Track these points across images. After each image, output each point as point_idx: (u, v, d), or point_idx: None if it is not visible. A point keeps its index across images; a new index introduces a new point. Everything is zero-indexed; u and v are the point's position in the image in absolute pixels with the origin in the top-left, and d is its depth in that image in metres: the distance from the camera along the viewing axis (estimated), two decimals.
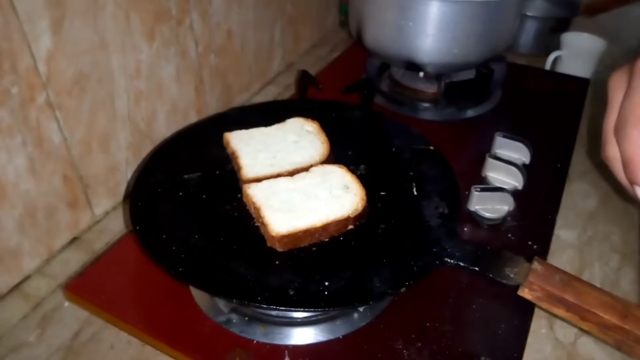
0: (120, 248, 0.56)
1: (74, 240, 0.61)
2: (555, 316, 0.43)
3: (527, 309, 0.49)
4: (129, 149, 0.65)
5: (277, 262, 0.44)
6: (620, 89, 0.36)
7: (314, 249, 0.46)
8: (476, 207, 0.58)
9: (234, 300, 0.41)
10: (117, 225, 0.63)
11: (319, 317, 0.47)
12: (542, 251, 0.56)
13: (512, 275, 0.41)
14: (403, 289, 0.42)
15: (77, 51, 0.54)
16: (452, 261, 0.44)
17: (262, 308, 0.44)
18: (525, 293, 0.41)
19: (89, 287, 0.51)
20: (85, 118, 0.58)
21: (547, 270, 0.41)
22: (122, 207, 0.66)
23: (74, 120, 0.56)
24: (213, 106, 0.77)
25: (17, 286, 0.56)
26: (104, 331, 0.51)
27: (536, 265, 0.41)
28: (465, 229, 0.58)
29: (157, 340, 0.46)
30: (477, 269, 0.43)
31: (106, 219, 0.64)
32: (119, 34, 0.58)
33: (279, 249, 0.45)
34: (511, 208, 0.58)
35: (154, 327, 0.47)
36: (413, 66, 0.73)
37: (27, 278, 0.57)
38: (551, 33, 0.98)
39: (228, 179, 0.54)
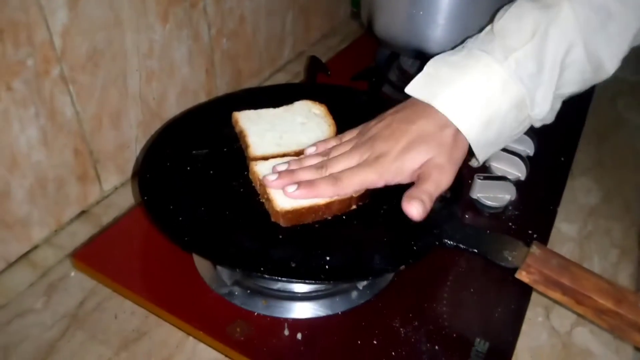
0: (128, 221, 0.57)
1: (82, 213, 0.63)
2: (551, 300, 0.44)
3: (523, 295, 0.50)
4: (139, 127, 0.66)
5: (280, 237, 0.45)
6: None
7: (316, 226, 0.47)
8: (478, 195, 0.58)
9: (237, 270, 0.42)
10: (124, 201, 0.65)
11: (319, 292, 0.48)
12: (542, 240, 0.57)
13: (510, 259, 0.42)
14: (402, 267, 0.43)
15: (92, 27, 0.55)
16: (451, 242, 0.44)
17: (265, 278, 0.45)
18: (522, 276, 0.42)
19: (96, 256, 0.52)
20: (97, 94, 0.59)
21: (545, 254, 0.41)
22: (130, 184, 0.67)
23: (86, 95, 0.57)
24: (223, 89, 0.78)
25: (25, 255, 0.57)
26: (109, 301, 0.52)
27: (534, 249, 0.42)
28: (467, 215, 0.59)
29: (161, 309, 0.47)
30: (475, 250, 0.43)
31: (114, 194, 0.66)
32: (134, 12, 0.59)
33: (283, 224, 0.46)
34: (513, 197, 0.59)
35: (158, 296, 0.48)
36: (423, 56, 0.73)
37: (36, 247, 0.58)
38: None
39: (235, 156, 0.55)
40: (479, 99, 0.48)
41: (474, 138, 0.49)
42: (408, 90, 0.52)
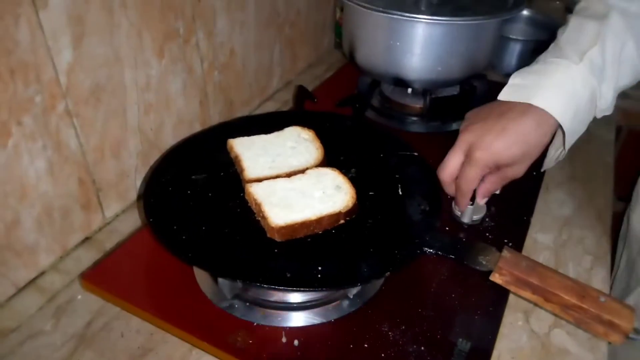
0: (132, 244, 0.60)
1: (86, 239, 0.66)
2: (524, 299, 0.48)
3: (500, 298, 0.54)
4: (139, 157, 0.70)
5: (276, 250, 0.50)
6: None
7: (309, 239, 0.51)
8: (458, 212, 0.63)
9: (238, 281, 0.46)
10: (126, 227, 0.68)
11: (313, 302, 0.52)
12: (517, 248, 0.61)
13: (484, 262, 0.46)
14: (387, 274, 0.47)
15: (94, 65, 0.60)
16: (431, 250, 0.49)
17: (263, 288, 0.49)
18: (496, 278, 0.46)
19: (103, 276, 0.56)
20: (99, 126, 0.63)
21: (515, 257, 0.46)
22: (131, 210, 0.71)
23: (89, 128, 0.61)
24: (216, 119, 0.83)
25: (33, 280, 0.60)
26: (115, 321, 0.55)
27: (505, 253, 0.46)
28: (447, 228, 0.63)
29: (166, 323, 0.51)
30: (453, 257, 0.48)
31: (116, 220, 0.69)
32: (132, 50, 0.64)
33: (278, 239, 0.50)
34: (489, 211, 0.64)
35: (164, 312, 0.52)
36: (401, 82, 0.79)
37: (43, 273, 0.61)
38: (532, 54, 1.04)
39: (232, 180, 0.59)
40: (567, 94, 0.56)
41: (569, 127, 0.57)
42: (501, 97, 0.59)
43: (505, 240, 0.61)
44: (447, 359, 0.48)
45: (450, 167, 0.59)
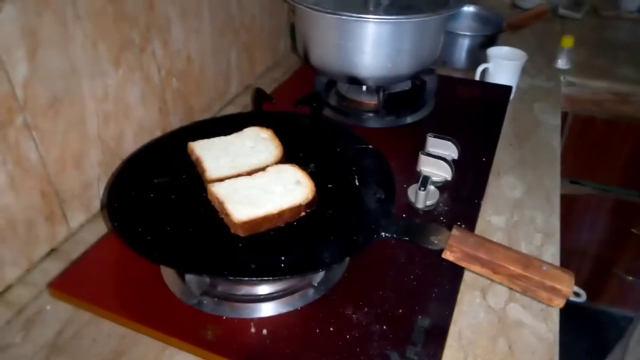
0: (99, 250, 0.61)
1: (52, 251, 0.66)
2: (474, 273, 0.51)
3: (455, 276, 0.58)
4: (101, 167, 0.71)
5: (240, 245, 0.52)
6: None
7: (272, 232, 0.53)
8: (413, 199, 0.67)
9: (204, 275, 0.48)
10: (91, 236, 0.68)
11: (279, 292, 0.54)
12: (470, 230, 0.65)
13: (436, 242, 0.50)
14: (347, 258, 0.49)
15: (51, 77, 0.60)
16: (387, 234, 0.52)
17: (229, 280, 0.51)
18: (447, 255, 0.49)
19: (72, 283, 0.56)
20: (59, 138, 0.63)
21: (463, 234, 0.49)
22: (97, 220, 0.71)
23: (49, 140, 0.62)
24: (177, 126, 0.84)
25: (0, 294, 0.60)
26: (86, 328, 0.56)
27: (454, 231, 0.50)
28: (404, 215, 0.66)
29: (137, 324, 0.52)
30: (407, 239, 0.51)
31: (81, 231, 0.69)
32: (88, 61, 0.65)
33: (242, 234, 0.52)
34: (442, 196, 0.67)
35: (134, 313, 0.53)
36: (354, 80, 0.82)
37: (10, 287, 0.61)
38: (480, 48, 1.10)
39: (194, 181, 0.61)
40: None
41: None
42: None
43: (459, 223, 0.65)
44: (408, 336, 0.51)
45: None
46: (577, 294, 0.47)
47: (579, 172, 1.28)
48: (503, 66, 1.02)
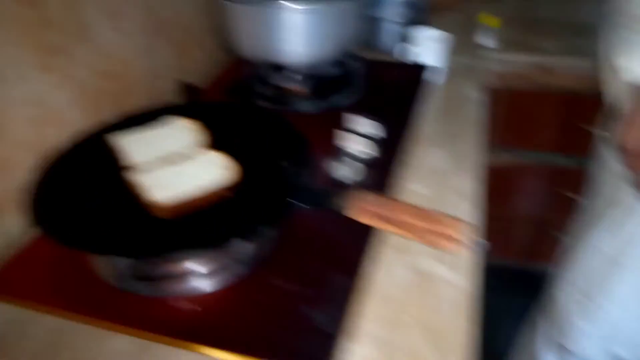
0: (34, 248, 0.63)
1: None
2: (382, 229, 0.55)
3: (367, 237, 0.62)
4: (32, 172, 0.71)
5: (166, 227, 0.55)
6: None
7: (198, 214, 0.57)
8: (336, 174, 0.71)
9: (126, 257, 0.51)
10: (28, 238, 0.69)
11: (211, 270, 0.57)
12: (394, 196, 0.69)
13: (342, 205, 0.54)
14: (268, 230, 0.53)
15: None
16: (302, 205, 0.56)
17: (151, 260, 0.54)
18: (355, 215, 0.54)
19: (7, 282, 0.58)
20: None
21: (362, 195, 0.55)
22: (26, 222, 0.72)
23: None
24: None
25: None
26: (26, 326, 0.56)
27: (357, 193, 0.54)
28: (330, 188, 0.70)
29: (74, 313, 0.54)
30: (319, 206, 0.55)
31: (19, 232, 0.70)
32: (15, 68, 0.66)
33: (167, 218, 0.55)
34: (366, 171, 0.72)
35: (69, 304, 0.55)
36: (280, 67, 0.86)
37: None
38: (407, 32, 1.15)
39: (116, 172, 0.62)
40: None
41: None
42: None
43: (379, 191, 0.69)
44: (334, 296, 0.55)
45: None
46: (478, 243, 0.52)
47: (514, 141, 1.34)
48: (428, 47, 1.07)
